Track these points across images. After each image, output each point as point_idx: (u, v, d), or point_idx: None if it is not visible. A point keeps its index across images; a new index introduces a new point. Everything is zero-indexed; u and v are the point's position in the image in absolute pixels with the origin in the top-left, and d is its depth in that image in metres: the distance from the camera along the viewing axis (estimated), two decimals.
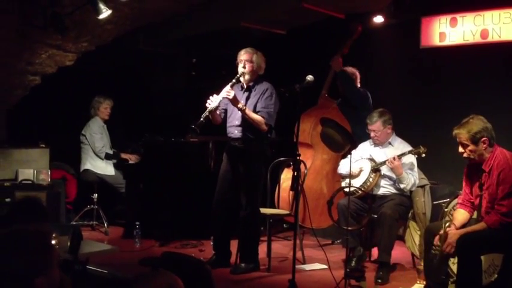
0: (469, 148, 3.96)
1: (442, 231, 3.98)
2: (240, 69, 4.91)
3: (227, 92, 4.73)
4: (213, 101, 4.76)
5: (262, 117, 4.85)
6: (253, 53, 4.95)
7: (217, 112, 4.98)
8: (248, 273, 4.93)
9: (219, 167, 5.21)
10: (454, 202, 4.55)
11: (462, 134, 3.96)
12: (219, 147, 5.68)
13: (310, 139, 5.99)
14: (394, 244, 4.89)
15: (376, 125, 5.15)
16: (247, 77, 4.95)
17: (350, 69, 6.23)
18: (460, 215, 4.12)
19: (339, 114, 5.98)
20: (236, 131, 4.98)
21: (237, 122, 4.95)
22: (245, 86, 5.01)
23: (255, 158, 4.94)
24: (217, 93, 4.79)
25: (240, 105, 4.79)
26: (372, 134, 5.20)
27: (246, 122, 4.88)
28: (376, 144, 5.26)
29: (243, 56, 4.94)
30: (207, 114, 4.74)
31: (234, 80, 4.82)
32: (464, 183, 4.21)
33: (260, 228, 5.23)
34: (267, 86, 4.97)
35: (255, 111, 4.88)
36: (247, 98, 4.96)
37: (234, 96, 4.77)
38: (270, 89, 4.95)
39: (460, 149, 4.02)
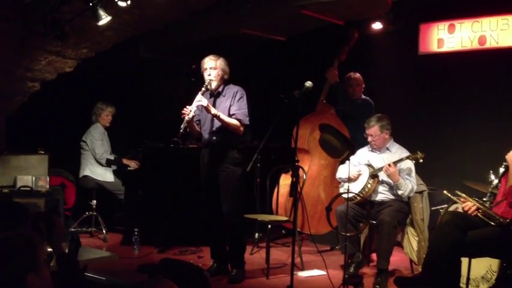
0: None
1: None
2: (207, 78, 4.92)
3: (199, 100, 4.75)
4: (188, 111, 4.76)
5: (239, 119, 4.87)
6: (217, 60, 4.96)
7: (194, 123, 4.98)
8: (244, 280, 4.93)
9: None
10: (452, 208, 4.56)
11: None
12: None
13: (307, 144, 5.99)
14: (392, 251, 4.89)
15: (373, 129, 5.16)
16: (214, 83, 4.95)
17: (354, 76, 6.24)
18: None
19: (336, 120, 6.01)
20: (211, 137, 4.96)
21: (211, 129, 4.96)
22: (214, 93, 5.01)
23: (231, 163, 4.90)
24: (190, 104, 4.79)
25: (213, 112, 4.79)
26: (369, 139, 5.20)
27: (219, 127, 4.89)
28: (373, 149, 5.26)
29: (207, 64, 4.95)
30: (185, 124, 4.74)
31: (203, 89, 4.85)
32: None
33: (244, 232, 5.14)
34: (236, 89, 4.98)
35: (229, 114, 4.89)
36: (219, 103, 4.96)
37: (207, 104, 4.78)
38: (240, 91, 4.96)
39: None
